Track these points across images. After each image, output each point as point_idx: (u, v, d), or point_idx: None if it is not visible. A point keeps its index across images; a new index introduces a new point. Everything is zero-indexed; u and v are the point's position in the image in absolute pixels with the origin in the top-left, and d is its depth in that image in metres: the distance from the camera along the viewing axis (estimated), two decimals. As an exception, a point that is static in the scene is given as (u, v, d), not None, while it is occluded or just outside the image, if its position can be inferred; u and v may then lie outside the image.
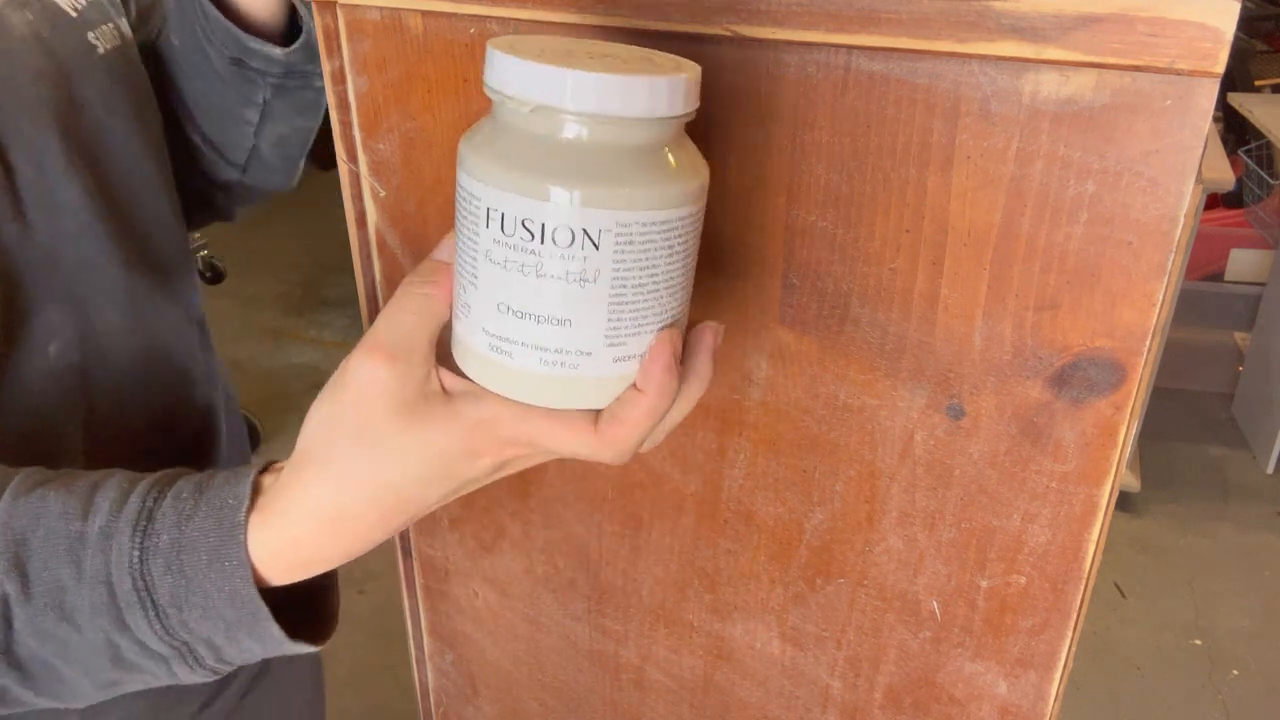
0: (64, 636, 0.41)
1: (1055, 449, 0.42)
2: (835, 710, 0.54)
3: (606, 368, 0.36)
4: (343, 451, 0.39)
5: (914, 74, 0.39)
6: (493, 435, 0.38)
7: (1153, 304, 0.38)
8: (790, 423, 0.48)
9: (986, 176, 0.39)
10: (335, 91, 0.51)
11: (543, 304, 0.35)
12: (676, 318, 0.38)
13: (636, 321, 0.36)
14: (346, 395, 0.39)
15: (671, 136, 0.35)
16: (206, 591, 0.40)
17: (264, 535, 0.40)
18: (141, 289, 0.63)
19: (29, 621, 0.41)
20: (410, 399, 0.38)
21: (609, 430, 0.37)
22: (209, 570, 0.40)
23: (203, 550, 0.40)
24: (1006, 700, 0.49)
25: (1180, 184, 0.36)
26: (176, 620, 0.40)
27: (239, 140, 0.70)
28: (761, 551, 0.52)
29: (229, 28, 0.62)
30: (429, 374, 0.39)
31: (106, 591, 0.40)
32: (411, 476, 0.38)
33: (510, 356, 0.36)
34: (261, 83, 0.65)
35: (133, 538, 0.40)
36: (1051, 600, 0.45)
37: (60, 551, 0.40)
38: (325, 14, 0.49)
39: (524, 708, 0.67)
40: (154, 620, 0.40)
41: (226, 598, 0.40)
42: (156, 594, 0.40)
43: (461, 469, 0.39)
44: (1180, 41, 0.33)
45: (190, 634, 0.41)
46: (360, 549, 0.41)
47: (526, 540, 0.60)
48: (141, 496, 0.41)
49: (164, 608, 0.40)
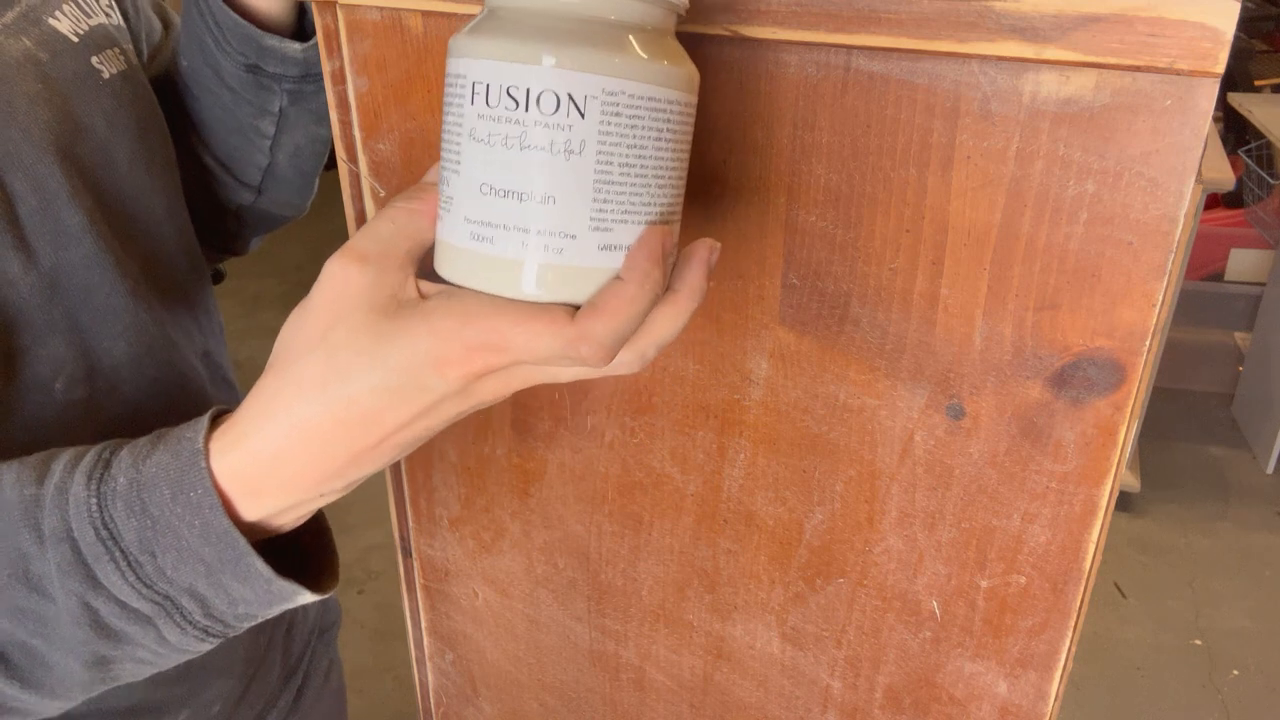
0: (38, 610, 0.39)
1: (1055, 449, 0.42)
2: (835, 710, 0.54)
3: (591, 255, 0.35)
4: (302, 355, 0.36)
5: (914, 74, 0.39)
6: (460, 338, 0.35)
7: (1153, 304, 0.38)
8: (790, 423, 0.48)
9: (986, 176, 0.39)
10: (335, 92, 0.51)
11: (527, 179, 0.34)
12: (667, 219, 0.36)
13: (624, 207, 0.35)
14: (314, 299, 0.37)
15: (661, 23, 0.35)
16: (176, 529, 0.37)
17: (227, 459, 0.37)
18: (151, 320, 0.61)
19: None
20: (380, 302, 0.36)
21: (586, 322, 0.34)
22: (174, 504, 0.37)
23: (164, 485, 0.37)
24: (1006, 700, 0.49)
25: (1180, 184, 0.36)
26: (152, 569, 0.38)
27: (253, 157, 0.69)
28: (761, 551, 0.52)
29: (244, 28, 0.60)
30: (404, 280, 0.37)
31: (70, 549, 0.38)
32: (370, 384, 0.35)
33: (491, 243, 0.35)
34: (277, 89, 0.64)
35: (88, 486, 0.38)
36: (1051, 600, 0.45)
37: (17, 518, 0.38)
38: (325, 14, 0.49)
39: (524, 708, 0.67)
40: (126, 571, 0.38)
41: (199, 533, 0.37)
42: (123, 540, 0.38)
43: (426, 380, 0.36)
44: (1180, 41, 0.33)
45: (170, 584, 0.38)
46: (332, 475, 0.38)
47: (526, 540, 0.60)
48: (97, 452, 0.39)
49: (134, 556, 0.38)
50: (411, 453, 0.60)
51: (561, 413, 0.54)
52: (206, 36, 0.62)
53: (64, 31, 0.58)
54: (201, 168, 0.69)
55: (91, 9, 0.61)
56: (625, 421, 0.52)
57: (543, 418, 0.55)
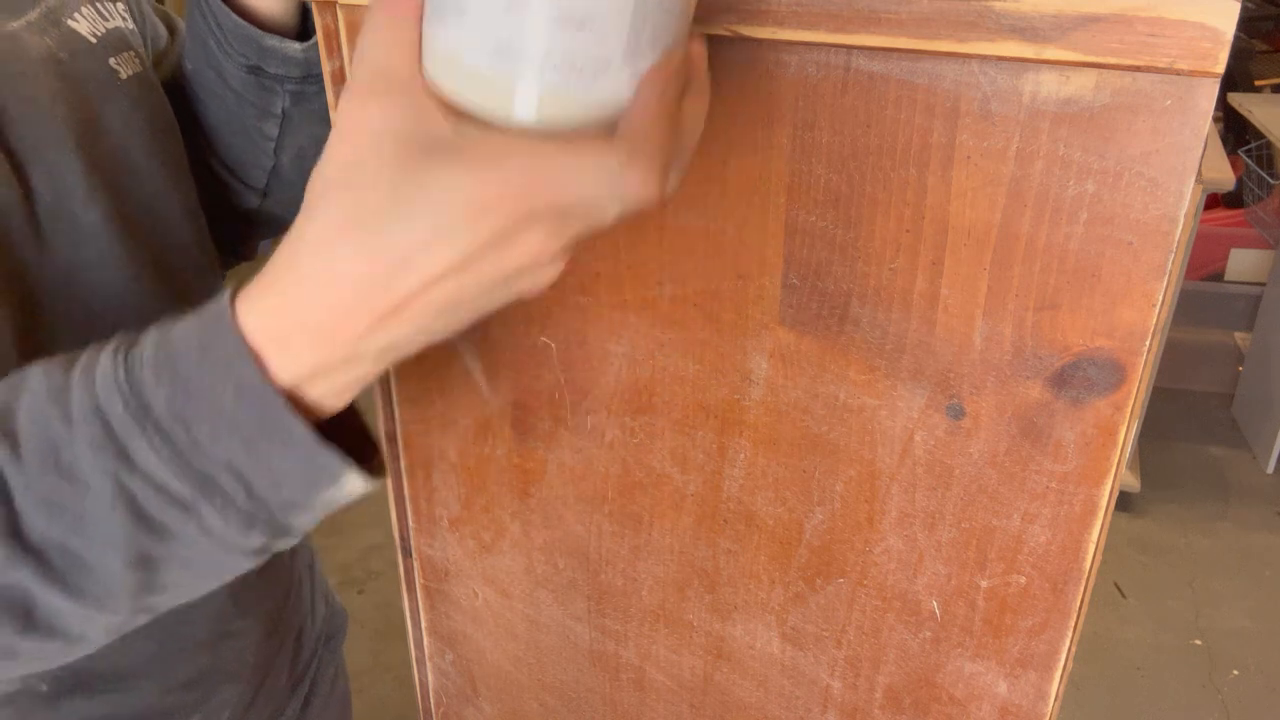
0: (72, 502, 0.37)
1: (1055, 449, 0.42)
2: (835, 710, 0.54)
3: (624, 86, 0.33)
4: (328, 199, 0.34)
5: (914, 74, 0.39)
6: (500, 177, 0.32)
7: (1153, 304, 0.38)
8: (790, 423, 0.48)
9: (986, 176, 0.39)
10: (335, 92, 0.51)
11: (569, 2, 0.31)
12: (682, 45, 0.35)
13: (655, 35, 0.33)
14: (335, 147, 0.34)
15: None
16: (207, 391, 0.36)
17: (254, 311, 0.35)
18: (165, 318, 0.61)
19: (28, 489, 0.37)
20: (407, 137, 0.33)
21: (626, 132, 0.32)
22: (203, 362, 0.35)
23: (192, 346, 0.36)
24: (1006, 700, 0.49)
25: (1180, 184, 0.36)
26: (186, 441, 0.36)
27: (258, 160, 0.69)
28: (761, 551, 0.52)
29: (245, 29, 0.61)
30: (427, 109, 0.34)
31: (101, 425, 0.36)
32: (401, 227, 0.33)
33: (516, 69, 0.32)
34: (280, 90, 0.64)
35: (114, 359, 0.37)
36: (1051, 600, 0.45)
37: (44, 404, 0.37)
38: (325, 14, 0.49)
39: (524, 707, 0.67)
40: (160, 446, 0.36)
41: (232, 392, 0.35)
42: (154, 410, 0.36)
43: (462, 224, 0.33)
44: (1180, 41, 0.33)
45: (207, 459, 0.36)
46: (362, 332, 0.35)
47: (526, 540, 0.60)
48: (121, 335, 0.38)
49: (167, 426, 0.36)
50: (412, 454, 0.60)
51: (561, 413, 0.54)
52: (209, 38, 0.62)
53: (83, 33, 0.59)
54: (208, 172, 0.70)
55: (108, 12, 0.61)
56: (625, 421, 0.52)
57: (543, 418, 0.55)
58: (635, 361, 0.50)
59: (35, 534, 0.37)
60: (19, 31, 0.54)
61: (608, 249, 0.48)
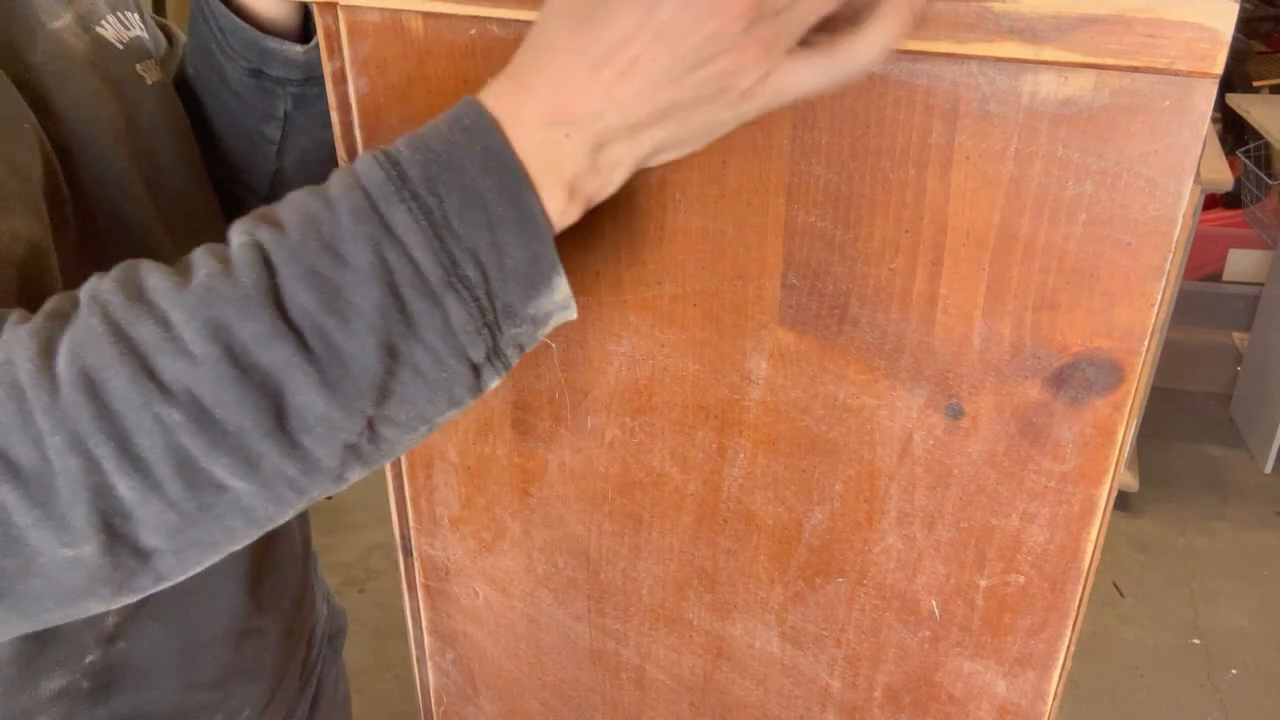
0: (333, 273, 0.38)
1: (1054, 449, 0.42)
2: (835, 709, 0.54)
3: None
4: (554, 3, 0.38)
5: (913, 75, 0.39)
6: None
7: (1151, 304, 0.38)
8: (790, 423, 0.48)
9: (985, 177, 0.39)
10: (336, 92, 0.51)
11: None
12: None
13: None
14: None
15: None
16: (457, 163, 0.38)
17: (493, 95, 0.39)
18: None
19: (290, 257, 0.38)
20: None
21: None
22: (452, 136, 0.39)
23: (442, 125, 0.39)
24: (1005, 699, 0.49)
25: (1179, 184, 0.36)
26: (439, 216, 0.38)
27: (261, 164, 0.69)
28: (761, 551, 0.52)
29: (246, 31, 0.61)
30: None
31: (361, 194, 0.38)
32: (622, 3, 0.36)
33: None
34: (282, 93, 0.65)
35: (369, 153, 0.40)
36: (1050, 599, 0.45)
37: (305, 196, 0.40)
38: (326, 15, 0.49)
39: (524, 706, 0.67)
40: (418, 215, 0.38)
41: (479, 160, 0.38)
42: (411, 179, 0.38)
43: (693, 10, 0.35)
44: (1179, 42, 0.34)
45: (457, 239, 0.38)
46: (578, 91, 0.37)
47: (526, 540, 0.60)
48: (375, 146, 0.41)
49: (423, 195, 0.38)
50: (412, 454, 0.60)
51: (561, 412, 0.54)
52: (211, 42, 0.63)
53: (110, 39, 0.61)
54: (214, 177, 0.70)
55: (129, 22, 0.64)
56: (625, 421, 0.52)
57: (543, 418, 0.55)
58: (635, 361, 0.50)
59: (296, 309, 0.38)
60: (61, 32, 0.56)
61: (608, 249, 0.48)
